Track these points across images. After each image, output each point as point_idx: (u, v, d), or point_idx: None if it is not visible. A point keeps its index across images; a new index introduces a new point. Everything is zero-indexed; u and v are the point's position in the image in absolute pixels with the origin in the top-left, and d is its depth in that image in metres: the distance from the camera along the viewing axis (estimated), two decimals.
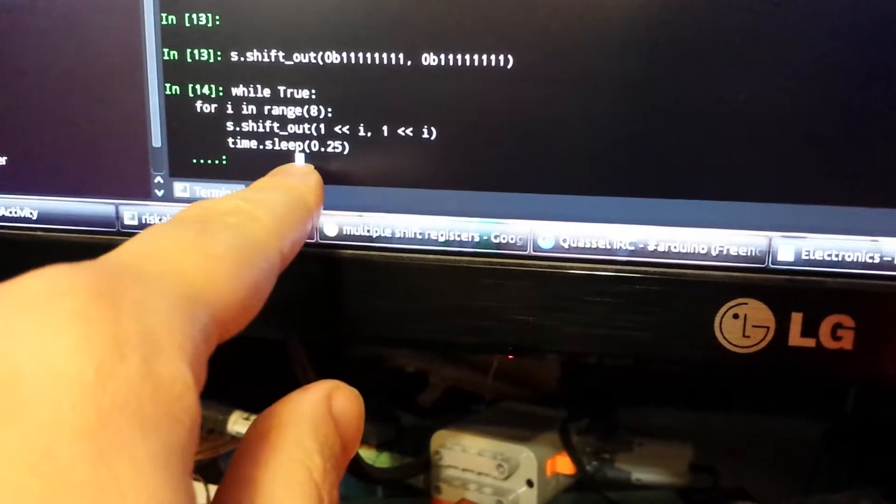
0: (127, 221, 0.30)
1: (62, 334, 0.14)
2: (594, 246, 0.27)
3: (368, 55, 0.27)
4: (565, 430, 0.41)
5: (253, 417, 0.46)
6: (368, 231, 0.29)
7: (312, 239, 0.29)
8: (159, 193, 0.30)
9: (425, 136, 0.27)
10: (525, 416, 0.44)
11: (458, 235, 0.28)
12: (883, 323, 0.25)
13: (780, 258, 0.26)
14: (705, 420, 0.45)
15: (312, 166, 0.28)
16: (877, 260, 0.25)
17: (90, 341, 0.14)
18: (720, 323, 0.26)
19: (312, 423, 0.19)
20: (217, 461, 0.46)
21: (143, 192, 0.30)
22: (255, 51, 0.28)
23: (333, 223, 0.29)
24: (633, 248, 0.27)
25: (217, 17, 0.28)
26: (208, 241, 0.19)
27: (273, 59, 0.28)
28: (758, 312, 0.26)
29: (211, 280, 0.18)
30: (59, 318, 0.14)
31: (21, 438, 0.13)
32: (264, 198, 0.22)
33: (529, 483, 0.39)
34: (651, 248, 0.27)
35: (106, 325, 0.14)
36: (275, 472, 0.17)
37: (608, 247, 0.27)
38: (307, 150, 0.28)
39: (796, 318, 0.25)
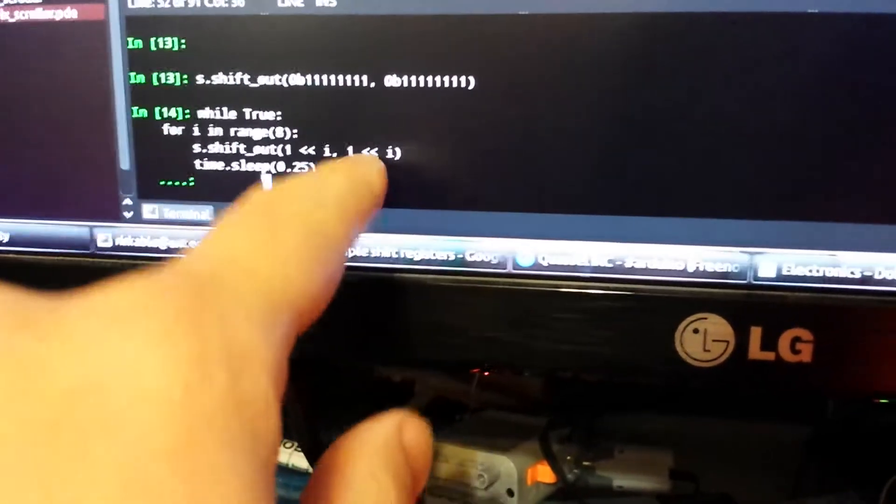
0: (101, 244, 0.31)
1: (149, 351, 0.14)
2: (572, 263, 0.27)
3: (332, 77, 0.27)
4: (545, 439, 0.42)
5: None
6: None
7: None
8: (128, 215, 0.30)
9: (389, 155, 0.28)
10: (507, 425, 0.45)
11: (433, 254, 0.28)
12: (841, 336, 0.25)
13: (739, 273, 0.26)
14: (687, 426, 0.45)
15: (376, 155, 0.27)
16: (834, 274, 0.26)
17: (177, 359, 0.14)
18: (681, 338, 0.26)
19: (385, 456, 0.18)
20: None
21: (112, 214, 0.30)
22: (220, 74, 0.28)
23: None
24: (611, 264, 0.27)
25: (183, 42, 0.28)
26: (280, 237, 0.19)
27: (238, 82, 0.28)
28: (717, 327, 0.26)
29: (287, 280, 0.18)
30: (145, 335, 0.14)
31: (109, 454, 0.13)
32: (330, 181, 0.22)
33: (510, 492, 0.40)
34: (627, 265, 0.27)
35: (191, 342, 0.14)
36: None
37: (587, 264, 0.27)
38: (274, 171, 0.29)
39: (755, 333, 0.26)
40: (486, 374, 0.45)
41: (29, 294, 0.15)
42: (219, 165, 0.29)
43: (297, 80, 0.28)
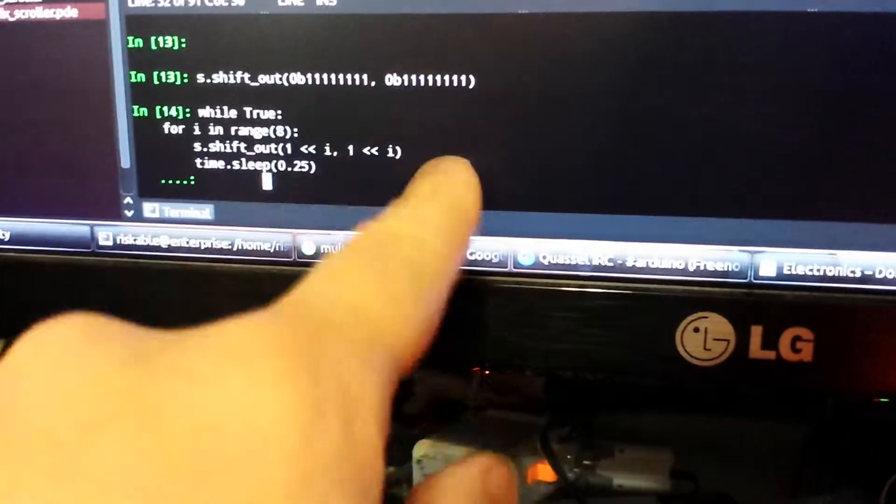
0: (102, 242, 0.31)
1: (266, 394, 0.14)
2: (573, 262, 0.27)
3: (333, 76, 0.27)
4: (546, 438, 0.42)
5: None
6: None
7: (290, 257, 0.29)
8: (129, 214, 0.30)
9: (390, 154, 0.28)
10: (508, 424, 0.45)
11: None
12: (841, 335, 0.25)
13: (739, 272, 0.26)
14: (687, 425, 0.45)
15: (466, 162, 0.26)
16: (835, 273, 0.26)
17: (294, 402, 0.14)
18: (681, 336, 0.26)
19: (470, 501, 0.18)
20: None
21: (113, 213, 0.30)
22: (221, 73, 0.28)
23: (311, 242, 0.29)
24: (611, 263, 0.27)
25: (183, 40, 0.28)
26: (390, 280, 0.19)
27: (239, 81, 0.28)
28: (718, 326, 0.26)
29: (396, 324, 0.18)
30: (262, 377, 0.14)
31: (227, 496, 0.13)
32: (429, 216, 0.22)
33: None
34: (628, 263, 0.27)
35: (308, 386, 0.14)
36: None
37: (588, 263, 0.27)
38: (274, 170, 0.29)
39: (756, 332, 0.26)
40: (487, 372, 0.45)
41: (142, 328, 0.16)
42: (219, 164, 0.29)
43: (297, 79, 0.28)
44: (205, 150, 0.29)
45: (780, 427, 0.44)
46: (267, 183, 0.29)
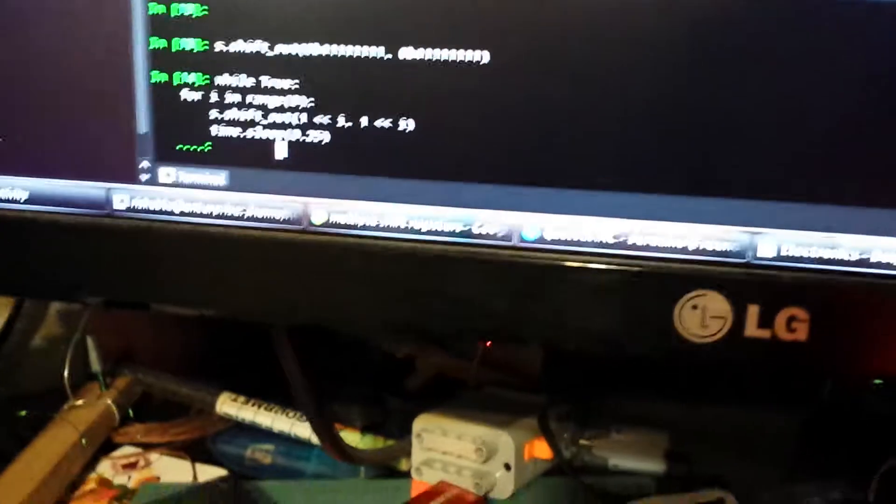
0: (117, 205, 0.31)
1: None
2: (576, 238, 0.28)
3: (350, 48, 0.28)
4: (544, 416, 0.42)
5: (241, 399, 0.47)
6: (355, 220, 0.30)
7: (301, 225, 0.30)
8: (145, 178, 0.31)
9: (402, 127, 0.28)
10: (506, 401, 0.45)
11: (442, 226, 0.29)
12: (836, 316, 0.26)
13: (739, 252, 0.27)
14: (683, 409, 0.46)
15: None
16: (832, 256, 0.26)
17: None
18: (680, 313, 0.27)
19: None
20: (205, 441, 0.47)
21: (129, 176, 0.31)
22: (239, 41, 0.29)
23: (322, 210, 0.30)
24: (614, 240, 0.28)
25: (204, 8, 0.29)
26: None
27: (257, 50, 0.29)
28: (716, 304, 0.27)
29: None
30: None
31: None
32: None
33: (507, 467, 0.40)
34: (630, 241, 0.28)
35: None
36: None
37: (591, 239, 0.28)
38: (289, 139, 0.29)
39: (752, 311, 0.26)
40: (489, 344, 0.46)
41: None
42: (235, 131, 0.30)
43: (314, 49, 0.28)
44: (221, 117, 0.29)
45: (775, 412, 0.45)
46: (281, 151, 0.29)
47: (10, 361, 0.52)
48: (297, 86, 0.29)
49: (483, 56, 0.27)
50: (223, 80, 0.29)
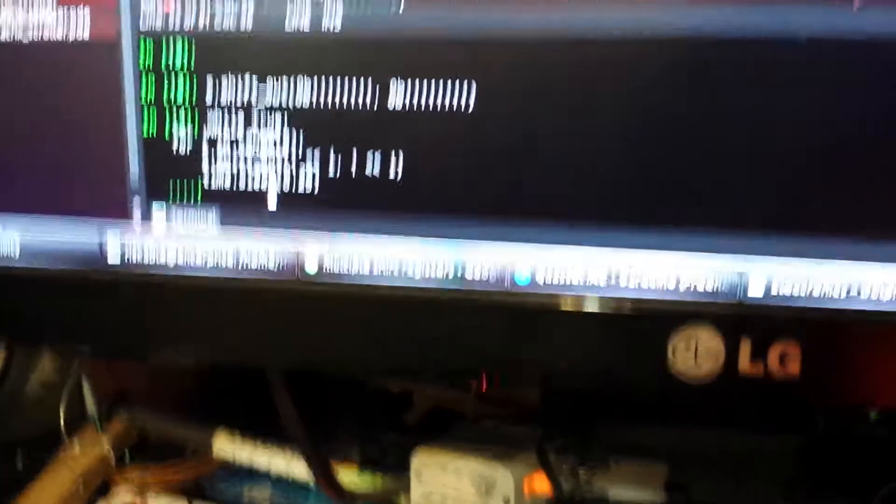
0: (111, 258, 0.32)
1: None
2: (568, 279, 0.28)
3: (337, 97, 0.28)
4: (542, 450, 0.42)
5: (237, 438, 0.47)
6: (347, 269, 0.30)
7: (294, 273, 0.30)
8: (137, 227, 0.31)
9: (391, 175, 0.29)
10: (504, 435, 0.45)
11: (433, 271, 0.29)
12: (827, 350, 0.26)
13: (729, 288, 0.27)
14: (680, 437, 0.46)
15: None
16: (821, 289, 0.26)
17: None
18: (673, 351, 0.27)
19: None
20: (202, 482, 0.47)
21: (123, 224, 0.31)
22: (228, 92, 0.29)
23: (314, 257, 0.30)
24: (605, 280, 0.28)
25: (192, 59, 0.29)
26: None
27: (246, 99, 0.29)
28: (708, 341, 0.27)
29: None
30: None
31: None
32: None
33: (507, 501, 0.40)
34: (622, 281, 0.28)
35: None
36: None
37: (582, 279, 0.28)
38: (279, 184, 0.30)
39: (745, 346, 0.26)
40: (484, 389, 0.46)
41: None
42: (226, 179, 0.30)
43: (302, 97, 0.29)
44: (212, 165, 0.30)
45: (773, 440, 0.45)
46: (272, 196, 0.30)
47: (5, 406, 0.52)
48: (285, 132, 0.29)
49: (469, 98, 0.27)
50: (213, 129, 0.29)
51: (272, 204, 0.30)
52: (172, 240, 0.31)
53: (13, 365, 0.51)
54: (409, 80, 0.28)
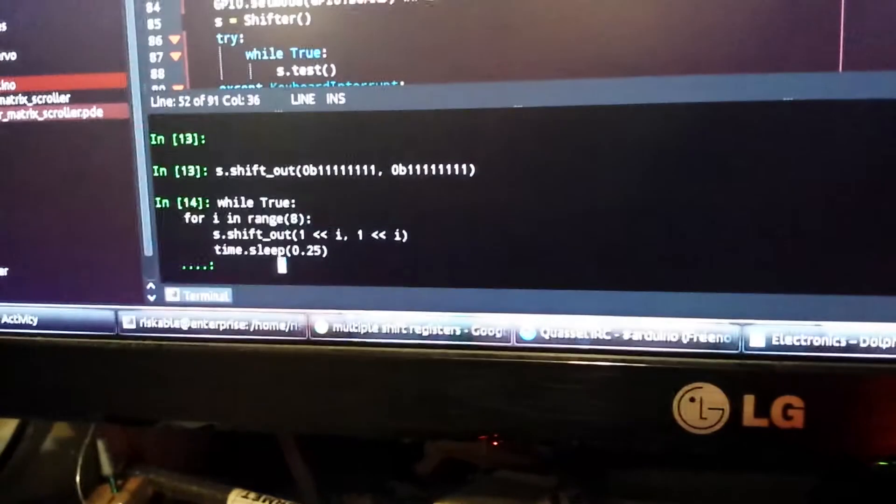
0: (126, 326, 0.32)
1: None
2: (573, 336, 0.29)
3: (343, 168, 0.29)
4: (556, 499, 0.42)
5: (252, 495, 0.47)
6: (356, 328, 0.30)
7: (304, 336, 0.31)
8: (151, 298, 0.32)
9: (397, 238, 0.29)
10: (518, 484, 0.45)
11: (441, 329, 0.30)
12: (830, 402, 0.27)
13: (731, 343, 0.28)
14: (694, 480, 0.46)
15: None
16: (821, 343, 0.27)
17: None
18: (678, 406, 0.27)
19: None
20: None
21: (136, 298, 0.32)
22: (238, 166, 0.30)
23: (324, 321, 0.31)
24: (609, 337, 0.29)
25: (202, 137, 0.30)
26: None
27: (255, 173, 0.30)
28: (712, 395, 0.27)
29: None
30: None
31: None
32: None
33: None
34: (625, 337, 0.28)
35: None
36: None
37: (587, 337, 0.29)
38: (289, 255, 0.30)
39: (749, 401, 0.27)
40: (494, 444, 0.46)
41: None
42: (237, 250, 0.31)
43: (309, 170, 0.29)
44: (223, 237, 0.31)
45: (787, 480, 0.45)
46: (282, 267, 0.30)
47: (21, 467, 0.52)
48: (294, 205, 0.30)
49: (470, 169, 0.28)
50: (224, 203, 0.30)
51: (282, 270, 0.31)
52: (186, 319, 0.31)
53: (30, 424, 0.51)
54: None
